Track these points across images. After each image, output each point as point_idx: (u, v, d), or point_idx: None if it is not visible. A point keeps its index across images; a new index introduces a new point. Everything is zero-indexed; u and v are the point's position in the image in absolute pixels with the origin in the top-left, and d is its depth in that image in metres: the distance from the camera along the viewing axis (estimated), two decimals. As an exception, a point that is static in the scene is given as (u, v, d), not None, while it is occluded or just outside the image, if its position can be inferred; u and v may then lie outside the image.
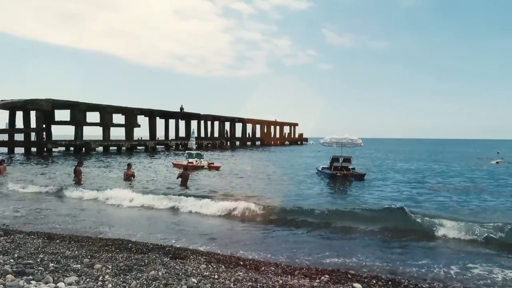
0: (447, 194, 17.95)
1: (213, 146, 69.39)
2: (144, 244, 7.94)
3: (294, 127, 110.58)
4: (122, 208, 13.80)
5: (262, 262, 7.05)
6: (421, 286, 6.24)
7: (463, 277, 6.99)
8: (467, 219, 10.96)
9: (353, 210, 12.45)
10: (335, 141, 24.88)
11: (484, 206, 14.82)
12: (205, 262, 6.56)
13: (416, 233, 10.13)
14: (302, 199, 15.32)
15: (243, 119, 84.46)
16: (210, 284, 5.20)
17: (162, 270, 5.75)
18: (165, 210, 13.37)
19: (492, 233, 9.53)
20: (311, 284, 5.63)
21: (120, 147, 53.01)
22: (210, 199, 13.93)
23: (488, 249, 8.91)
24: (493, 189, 19.83)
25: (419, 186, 20.54)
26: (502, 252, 8.62)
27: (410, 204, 14.13)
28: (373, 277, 6.55)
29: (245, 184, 20.04)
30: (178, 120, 67.25)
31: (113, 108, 53.70)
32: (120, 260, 6.30)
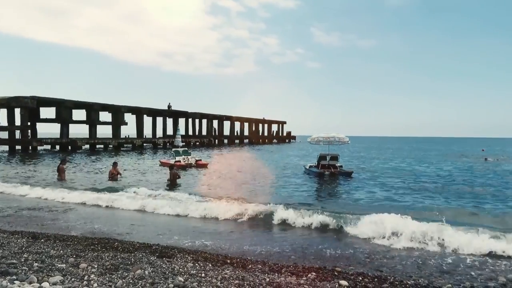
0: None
1: (201, 144, 69.22)
2: (131, 243, 7.89)
3: (282, 125, 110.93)
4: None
5: (249, 260, 7.05)
6: (406, 283, 6.31)
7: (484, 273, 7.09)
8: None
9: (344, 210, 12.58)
10: (322, 139, 25.01)
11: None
12: (192, 261, 6.54)
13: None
14: (289, 198, 15.38)
15: (231, 117, 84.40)
16: (197, 282, 5.19)
17: (149, 269, 5.71)
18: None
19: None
20: (298, 282, 5.66)
21: (107, 145, 52.55)
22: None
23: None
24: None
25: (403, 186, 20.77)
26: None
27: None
28: (360, 274, 6.60)
29: (231, 183, 20.03)
30: (166, 118, 66.93)
31: (99, 105, 53.20)
32: (106, 259, 6.25)
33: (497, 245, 8.43)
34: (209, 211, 11.88)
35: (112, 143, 53.17)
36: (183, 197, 14.09)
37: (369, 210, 12.04)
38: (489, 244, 8.44)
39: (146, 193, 15.18)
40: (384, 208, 13.39)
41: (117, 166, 20.72)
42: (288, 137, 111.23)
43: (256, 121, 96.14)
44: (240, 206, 11.97)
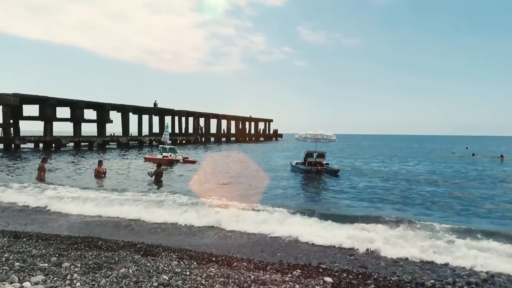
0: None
1: (188, 142, 68.88)
2: (115, 242, 7.81)
3: (269, 123, 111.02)
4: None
5: (234, 258, 7.05)
6: (390, 279, 6.38)
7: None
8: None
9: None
10: (309, 136, 25.05)
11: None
12: (177, 259, 6.51)
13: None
14: (275, 197, 15.40)
15: (218, 115, 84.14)
16: (182, 280, 5.17)
17: (133, 267, 5.67)
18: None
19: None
20: (282, 279, 5.68)
21: (92, 143, 51.87)
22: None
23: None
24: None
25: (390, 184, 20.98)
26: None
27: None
28: (344, 271, 6.66)
29: (219, 181, 19.98)
30: (152, 116, 66.34)
31: (84, 103, 52.47)
32: (89, 258, 6.18)
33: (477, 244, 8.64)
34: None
35: (97, 141, 52.51)
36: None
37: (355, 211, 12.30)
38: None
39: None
40: (368, 208, 13.65)
41: (102, 164, 20.50)
42: (275, 135, 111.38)
43: (243, 119, 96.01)
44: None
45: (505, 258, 7.65)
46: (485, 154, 49.10)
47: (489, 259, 7.59)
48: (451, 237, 9.08)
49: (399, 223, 10.21)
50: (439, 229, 9.80)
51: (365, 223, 10.15)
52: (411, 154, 49.38)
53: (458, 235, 9.16)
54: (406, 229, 9.66)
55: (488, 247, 8.27)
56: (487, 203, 14.61)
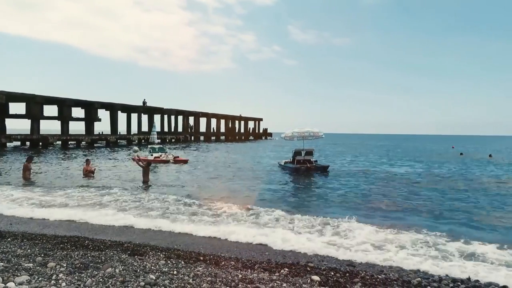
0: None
1: (177, 140, 68.61)
2: (102, 241, 7.74)
3: (259, 122, 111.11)
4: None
5: (222, 257, 7.04)
6: (377, 277, 6.42)
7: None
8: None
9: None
10: (296, 134, 25.02)
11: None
12: (164, 258, 6.48)
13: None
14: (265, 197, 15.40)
15: (208, 114, 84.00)
16: (169, 280, 5.14)
17: (120, 267, 5.62)
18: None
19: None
20: (270, 278, 5.68)
21: (80, 142, 51.41)
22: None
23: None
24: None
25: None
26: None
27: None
28: (332, 269, 6.69)
29: (208, 180, 19.95)
30: (141, 114, 66.01)
31: (72, 101, 52.00)
32: (75, 257, 6.11)
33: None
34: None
35: (85, 139, 52.07)
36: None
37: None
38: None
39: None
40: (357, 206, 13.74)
41: (90, 163, 20.31)
42: (265, 134, 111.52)
43: (233, 118, 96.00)
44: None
45: (492, 266, 7.57)
46: (473, 154, 49.72)
47: (477, 266, 7.51)
48: (439, 241, 9.16)
49: (384, 227, 10.15)
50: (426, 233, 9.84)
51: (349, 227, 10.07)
52: (398, 154, 49.72)
53: (447, 239, 9.08)
54: (389, 233, 9.70)
55: (478, 253, 8.22)
56: (475, 208, 14.34)
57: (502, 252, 8.14)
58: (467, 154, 49.20)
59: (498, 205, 14.22)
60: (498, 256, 7.88)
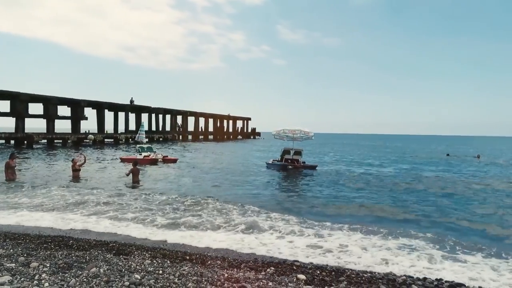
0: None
1: (165, 140, 68.19)
2: (87, 241, 7.66)
3: (247, 122, 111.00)
4: None
5: (209, 256, 7.02)
6: (363, 275, 6.47)
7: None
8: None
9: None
10: (287, 132, 24.96)
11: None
12: (150, 258, 6.43)
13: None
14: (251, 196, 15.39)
15: (196, 113, 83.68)
16: (154, 279, 5.10)
17: (104, 266, 5.56)
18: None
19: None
20: (256, 277, 5.68)
21: (66, 141, 50.78)
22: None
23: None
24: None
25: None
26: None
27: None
28: (318, 268, 6.72)
29: (195, 180, 19.86)
30: (128, 113, 65.43)
31: (57, 99, 51.32)
32: (59, 257, 6.03)
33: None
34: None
35: (71, 138, 51.44)
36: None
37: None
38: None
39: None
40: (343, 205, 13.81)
41: (77, 162, 19.94)
42: (253, 133, 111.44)
43: (221, 117, 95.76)
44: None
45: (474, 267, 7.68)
46: (459, 154, 50.24)
47: (459, 267, 7.59)
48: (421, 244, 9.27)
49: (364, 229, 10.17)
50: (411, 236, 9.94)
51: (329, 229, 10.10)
52: (385, 155, 50.09)
53: (428, 242, 9.15)
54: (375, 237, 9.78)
55: (460, 255, 8.34)
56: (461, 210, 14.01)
57: (479, 254, 8.33)
58: (454, 155, 49.43)
59: (478, 209, 13.90)
60: (478, 260, 8.00)
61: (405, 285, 6.03)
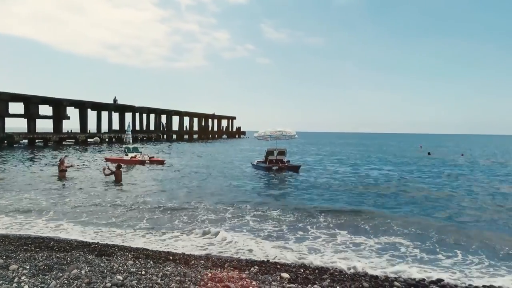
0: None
1: (149, 139, 67.58)
2: (68, 242, 7.55)
3: (232, 121, 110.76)
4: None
5: (192, 256, 6.99)
6: (346, 273, 6.53)
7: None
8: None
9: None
10: (269, 134, 25.02)
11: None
12: (132, 258, 6.37)
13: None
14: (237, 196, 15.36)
15: (180, 112, 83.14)
16: (137, 280, 5.06)
17: (86, 268, 5.49)
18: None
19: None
20: (240, 276, 5.68)
21: (47, 141, 49.92)
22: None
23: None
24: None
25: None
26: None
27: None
28: (301, 266, 6.76)
29: (181, 181, 19.72)
30: (112, 113, 64.64)
31: (39, 98, 50.38)
32: (39, 259, 5.93)
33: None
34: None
35: (53, 138, 50.58)
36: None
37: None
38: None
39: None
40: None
41: (64, 163, 19.56)
42: (238, 132, 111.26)
43: (206, 116, 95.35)
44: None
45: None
46: (440, 153, 50.95)
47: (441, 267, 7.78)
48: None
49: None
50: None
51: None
52: (368, 155, 50.49)
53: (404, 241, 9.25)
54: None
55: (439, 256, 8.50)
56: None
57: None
58: (436, 153, 49.87)
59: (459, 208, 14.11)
60: (458, 258, 8.15)
61: (387, 282, 6.10)
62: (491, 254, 8.16)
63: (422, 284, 6.11)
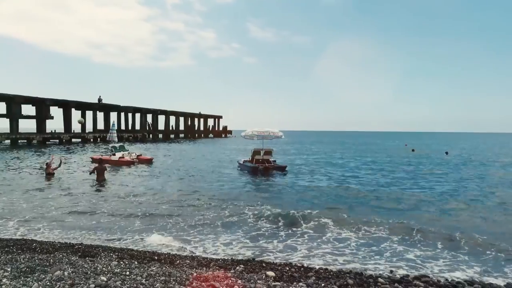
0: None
1: (135, 139, 66.96)
2: (51, 243, 7.45)
3: (218, 120, 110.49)
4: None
5: (177, 256, 6.96)
6: (331, 270, 6.58)
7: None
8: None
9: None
10: (256, 133, 25.02)
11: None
12: (116, 259, 6.31)
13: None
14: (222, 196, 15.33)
15: (166, 111, 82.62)
16: (121, 281, 5.02)
17: (69, 269, 5.43)
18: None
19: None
20: (225, 275, 5.68)
21: (31, 141, 49.13)
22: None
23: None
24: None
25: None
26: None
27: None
28: (287, 265, 6.79)
29: (166, 181, 19.61)
30: (96, 112, 63.89)
31: (21, 98, 49.53)
32: (21, 261, 5.84)
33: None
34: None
35: (37, 138, 49.80)
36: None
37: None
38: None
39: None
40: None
41: (51, 166, 19.23)
42: (224, 131, 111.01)
43: (192, 116, 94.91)
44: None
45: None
46: (424, 150, 51.63)
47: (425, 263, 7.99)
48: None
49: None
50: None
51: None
52: (357, 153, 50.87)
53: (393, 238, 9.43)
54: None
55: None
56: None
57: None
58: (421, 151, 50.41)
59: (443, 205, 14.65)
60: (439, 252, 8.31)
61: (372, 278, 6.16)
62: (454, 248, 8.33)
63: (406, 280, 6.19)
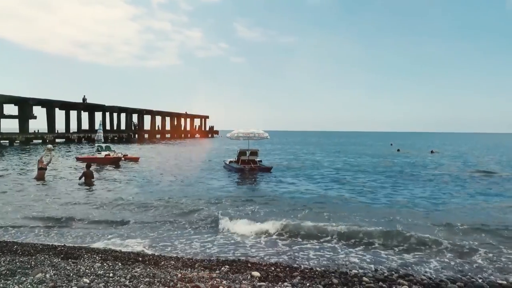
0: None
1: (120, 139, 66.27)
2: (33, 245, 7.31)
3: (205, 120, 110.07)
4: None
5: (162, 257, 6.90)
6: (316, 270, 6.60)
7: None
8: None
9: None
10: (241, 135, 25.01)
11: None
12: (100, 261, 6.23)
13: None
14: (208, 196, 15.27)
15: (152, 111, 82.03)
16: (104, 283, 4.96)
17: (51, 271, 5.34)
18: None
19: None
20: (210, 276, 5.65)
21: (13, 141, 48.29)
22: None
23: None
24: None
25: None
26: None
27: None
28: (272, 265, 6.79)
29: (149, 181, 19.45)
30: (81, 112, 63.10)
31: (3, 97, 48.67)
32: (1, 264, 5.73)
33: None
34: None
35: (19, 138, 48.97)
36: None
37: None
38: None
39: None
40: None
41: (43, 161, 18.81)
42: (211, 132, 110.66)
43: (178, 116, 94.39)
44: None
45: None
46: (409, 150, 52.21)
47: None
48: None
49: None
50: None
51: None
52: (343, 154, 51.10)
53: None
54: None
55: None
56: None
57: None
58: (405, 150, 50.94)
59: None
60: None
61: (357, 277, 6.20)
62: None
63: (390, 279, 6.24)
